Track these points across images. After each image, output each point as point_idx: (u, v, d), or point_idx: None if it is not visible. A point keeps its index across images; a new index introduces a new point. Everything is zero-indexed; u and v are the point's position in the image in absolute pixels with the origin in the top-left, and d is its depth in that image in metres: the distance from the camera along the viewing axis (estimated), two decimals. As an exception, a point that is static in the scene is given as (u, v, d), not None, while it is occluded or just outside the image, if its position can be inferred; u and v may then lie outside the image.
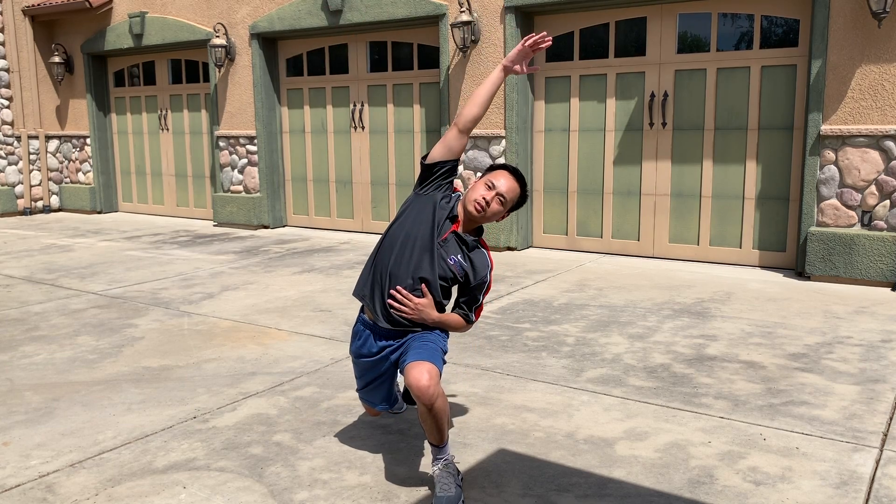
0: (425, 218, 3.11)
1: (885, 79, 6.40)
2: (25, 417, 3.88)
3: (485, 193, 3.08)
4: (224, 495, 3.04)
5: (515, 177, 3.16)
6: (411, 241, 3.10)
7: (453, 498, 2.89)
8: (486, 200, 3.07)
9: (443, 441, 3.00)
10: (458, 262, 3.11)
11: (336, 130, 10.01)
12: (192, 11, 10.67)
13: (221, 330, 5.45)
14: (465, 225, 3.16)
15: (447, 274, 3.11)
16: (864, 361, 4.54)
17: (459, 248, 3.13)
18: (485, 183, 3.11)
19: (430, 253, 3.08)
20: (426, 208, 3.13)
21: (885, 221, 6.52)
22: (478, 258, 3.17)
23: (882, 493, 2.99)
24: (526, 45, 3.19)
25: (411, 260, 3.08)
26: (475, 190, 3.11)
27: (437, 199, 3.15)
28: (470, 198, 3.10)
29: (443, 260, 3.09)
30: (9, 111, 12.25)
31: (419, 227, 3.10)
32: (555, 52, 8.24)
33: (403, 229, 3.13)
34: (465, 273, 3.14)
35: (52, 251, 8.89)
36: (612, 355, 4.72)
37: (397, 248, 3.11)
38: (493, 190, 3.09)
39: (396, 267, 3.09)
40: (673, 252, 7.83)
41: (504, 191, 3.10)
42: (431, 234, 3.10)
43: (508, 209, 3.17)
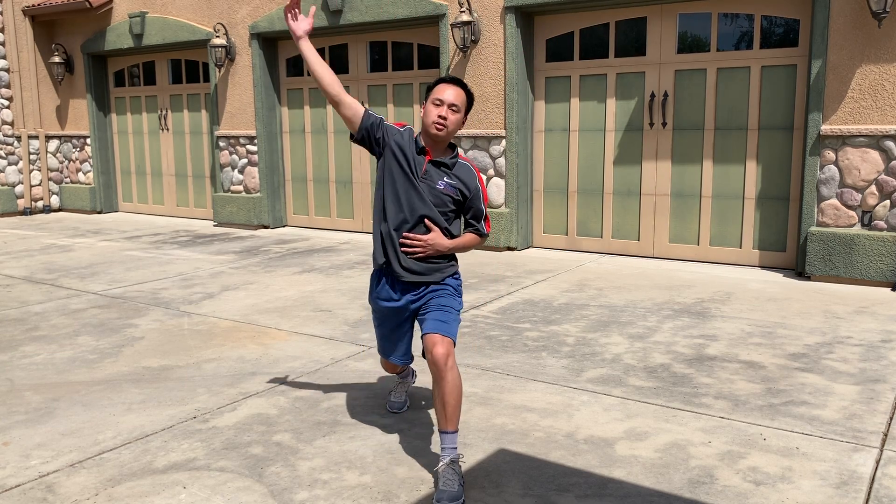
0: (396, 167, 3.29)
1: (885, 79, 6.40)
2: (25, 417, 3.88)
3: (438, 111, 3.24)
4: (224, 495, 3.04)
5: (455, 83, 3.30)
6: (398, 192, 3.28)
7: (455, 494, 2.93)
8: (442, 116, 3.23)
9: (454, 426, 3.06)
10: (447, 184, 3.29)
11: (336, 130, 10.01)
12: (192, 11, 10.67)
13: (221, 330, 5.45)
14: (436, 149, 3.33)
15: (444, 200, 3.28)
16: (864, 361, 4.54)
17: (442, 172, 3.31)
18: (432, 102, 3.27)
19: (417, 191, 3.25)
20: (390, 159, 3.31)
21: (885, 221, 6.52)
22: (462, 172, 3.35)
23: (882, 493, 2.99)
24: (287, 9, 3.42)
25: (407, 207, 3.26)
26: (429, 114, 3.26)
27: (392, 145, 3.31)
28: (428, 122, 3.26)
29: (432, 190, 3.26)
30: (9, 111, 12.25)
31: (398, 178, 3.28)
32: (555, 52, 8.24)
33: (389, 189, 3.31)
34: (459, 190, 3.32)
35: (53, 251, 8.89)
36: (612, 355, 4.72)
37: (391, 206, 3.28)
38: (443, 104, 3.24)
39: (397, 221, 3.27)
40: (673, 252, 7.83)
41: (452, 100, 3.25)
42: (410, 174, 3.28)
43: (464, 113, 3.32)
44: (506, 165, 8.33)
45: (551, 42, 8.26)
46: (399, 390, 3.94)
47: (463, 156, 3.43)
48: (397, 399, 3.91)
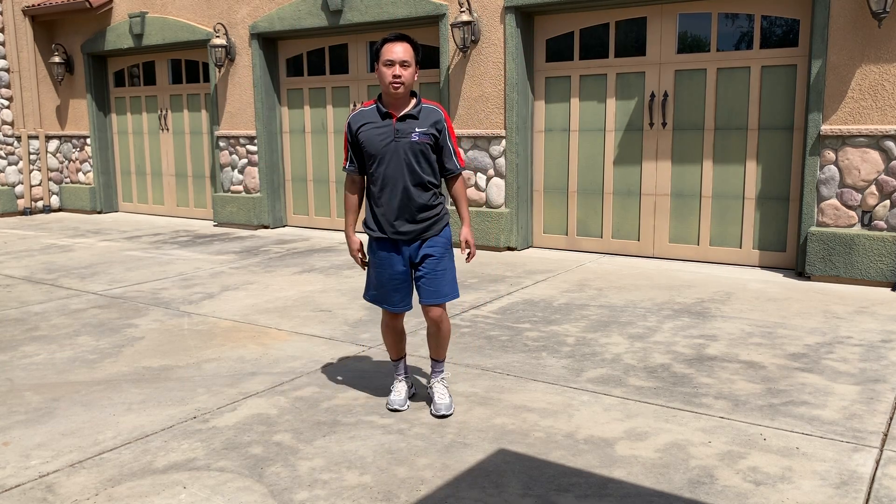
0: (372, 142, 3.59)
1: (885, 79, 6.40)
2: (25, 417, 3.88)
3: (392, 71, 3.50)
4: (224, 495, 3.04)
5: (398, 39, 3.54)
6: (382, 162, 3.59)
7: (449, 404, 3.80)
8: (396, 75, 3.50)
9: (443, 357, 3.91)
10: (419, 133, 3.59)
11: (336, 130, 10.01)
12: (192, 11, 10.67)
13: (221, 330, 5.45)
14: (398, 106, 3.61)
15: (423, 149, 3.60)
16: (864, 361, 4.54)
17: (411, 124, 3.59)
18: (383, 64, 3.52)
19: (399, 154, 3.57)
20: (364, 138, 3.61)
21: (885, 221, 6.52)
22: (429, 116, 3.63)
23: (882, 493, 2.99)
24: None
25: (398, 177, 3.60)
26: (383, 76, 3.51)
27: (362, 130, 3.62)
28: (385, 84, 3.52)
29: (411, 146, 3.57)
30: (9, 111, 12.25)
31: (378, 151, 3.59)
32: (555, 52, 8.24)
33: (373, 162, 3.63)
34: (432, 134, 3.62)
35: (53, 251, 8.89)
36: (612, 355, 4.72)
37: (379, 178, 3.63)
38: (394, 64, 3.50)
39: (392, 196, 3.62)
40: (673, 252, 7.83)
41: (402, 56, 3.50)
42: (386, 142, 3.57)
43: (416, 64, 3.58)
44: (506, 165, 8.33)
45: (551, 42, 8.26)
46: (399, 389, 3.93)
47: (426, 100, 3.70)
48: (397, 397, 3.90)
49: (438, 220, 3.73)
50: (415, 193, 3.62)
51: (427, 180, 3.65)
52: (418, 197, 3.64)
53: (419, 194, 3.64)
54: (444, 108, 3.82)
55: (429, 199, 3.68)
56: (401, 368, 3.99)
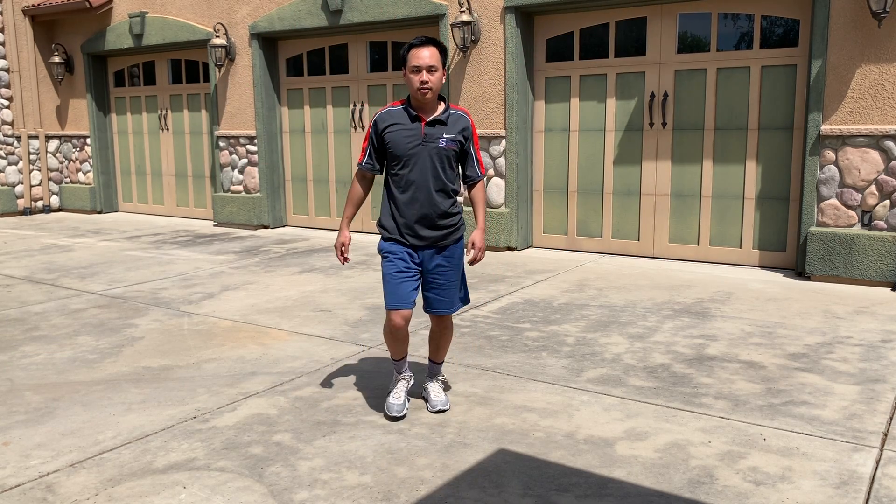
0: (399, 144, 3.58)
1: (885, 79, 6.40)
2: (25, 417, 3.88)
3: (419, 77, 3.50)
4: (224, 495, 3.04)
5: (425, 44, 3.53)
6: (411, 170, 3.58)
7: (445, 400, 3.88)
8: (423, 80, 3.50)
9: (442, 359, 3.98)
10: (447, 139, 3.59)
11: (336, 130, 10.01)
12: (192, 11, 10.67)
13: (221, 330, 5.45)
14: (427, 110, 3.61)
15: (449, 155, 3.61)
16: (864, 361, 4.54)
17: (439, 129, 3.59)
18: (410, 70, 3.53)
19: (425, 159, 3.56)
20: (391, 138, 3.59)
21: (885, 221, 6.52)
22: (458, 122, 3.64)
23: (882, 493, 2.99)
24: None
25: (422, 181, 3.58)
26: (411, 82, 3.53)
27: (390, 130, 3.60)
28: (413, 89, 3.53)
29: (438, 151, 3.57)
30: (9, 111, 12.25)
31: (405, 153, 3.57)
32: (555, 52, 8.24)
33: (397, 163, 3.61)
34: (459, 141, 3.63)
35: (52, 251, 8.89)
36: (612, 355, 4.72)
37: (402, 180, 3.61)
38: (421, 70, 3.50)
39: (415, 199, 3.60)
40: (673, 252, 7.83)
41: (428, 61, 3.50)
42: (413, 144, 3.56)
43: (443, 68, 3.58)
44: (506, 165, 8.33)
45: (551, 42, 8.26)
46: (399, 390, 3.88)
47: (455, 105, 3.71)
48: (396, 401, 3.83)
49: (455, 230, 3.73)
50: (438, 199, 3.62)
51: (451, 187, 3.66)
52: (441, 203, 3.63)
53: (442, 200, 3.63)
54: (470, 114, 3.80)
55: (450, 207, 3.67)
56: (402, 367, 3.95)
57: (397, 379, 3.92)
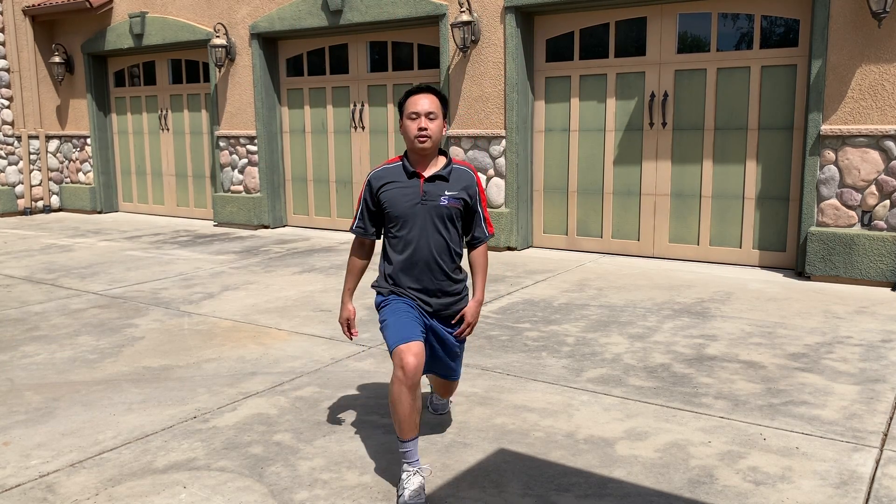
0: (396, 203, 3.21)
1: (885, 79, 6.40)
2: (26, 417, 3.88)
3: (417, 124, 3.15)
4: (224, 495, 3.04)
5: (423, 91, 3.23)
6: (410, 230, 3.20)
7: (445, 403, 3.78)
8: (423, 128, 3.15)
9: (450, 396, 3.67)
10: (450, 196, 3.21)
11: (336, 130, 10.01)
12: (192, 11, 10.67)
13: (222, 330, 5.45)
14: (426, 164, 3.25)
15: (451, 214, 3.22)
16: (864, 361, 4.54)
17: (441, 186, 3.21)
18: (408, 118, 3.18)
19: (426, 218, 3.19)
20: (387, 200, 3.23)
21: (885, 221, 6.52)
22: (462, 178, 3.27)
23: (882, 493, 2.99)
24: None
25: (423, 243, 3.20)
26: (408, 130, 3.17)
27: (384, 189, 3.23)
28: (410, 139, 3.18)
29: (437, 209, 3.19)
30: (9, 111, 12.25)
31: (403, 213, 3.20)
32: (555, 52, 8.24)
33: (396, 226, 3.23)
34: (463, 199, 3.24)
35: (53, 251, 8.89)
36: (612, 355, 4.72)
37: (401, 243, 3.23)
38: (419, 116, 3.16)
39: (414, 263, 3.21)
40: (673, 252, 7.83)
41: (428, 108, 3.17)
42: (412, 203, 3.19)
43: (444, 117, 3.26)
44: (506, 165, 8.33)
45: (551, 42, 8.26)
46: (413, 482, 2.97)
47: (457, 160, 3.36)
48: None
49: (461, 298, 3.34)
50: (440, 262, 3.22)
51: (454, 249, 3.27)
52: (443, 266, 3.23)
53: (444, 263, 3.23)
54: (475, 169, 3.45)
55: (453, 271, 3.28)
56: (415, 453, 3.01)
57: (411, 473, 2.96)
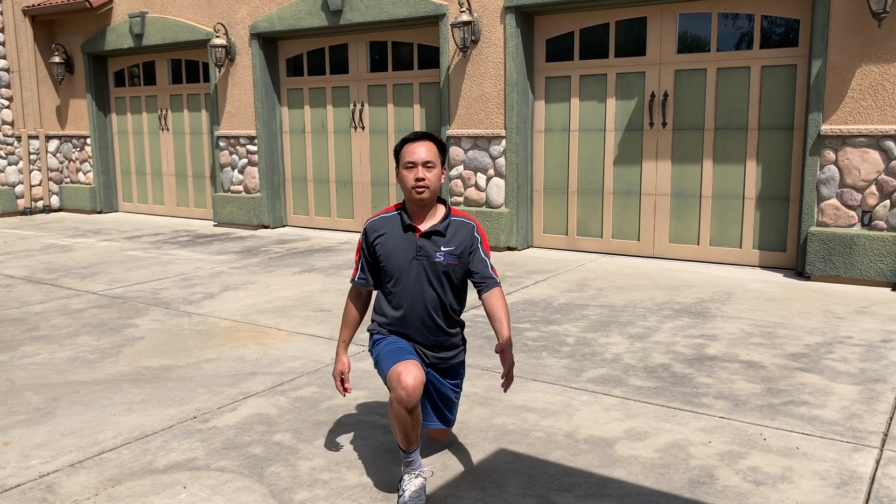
0: (390, 257, 3.07)
1: (885, 79, 6.40)
2: (25, 417, 3.88)
3: (414, 174, 2.99)
4: (224, 495, 3.04)
5: (421, 139, 3.05)
6: (404, 287, 3.07)
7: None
8: (420, 178, 2.98)
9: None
10: (445, 252, 3.05)
11: (336, 130, 10.01)
12: (192, 11, 10.67)
13: (221, 330, 5.45)
14: (424, 215, 3.09)
15: (447, 271, 3.06)
16: (864, 361, 4.54)
17: (437, 242, 3.05)
18: (404, 167, 3.02)
19: (420, 274, 3.05)
20: (382, 255, 3.09)
21: (886, 221, 6.52)
22: (460, 232, 3.09)
23: (882, 493, 2.99)
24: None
25: (417, 299, 3.07)
26: (405, 180, 3.02)
27: (379, 243, 3.09)
28: (407, 189, 3.02)
29: (432, 266, 3.05)
30: (9, 111, 12.25)
31: (396, 268, 3.07)
32: (555, 52, 8.24)
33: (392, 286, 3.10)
34: (459, 255, 3.07)
35: (53, 251, 8.89)
36: (612, 355, 4.72)
37: (395, 300, 3.10)
38: (416, 165, 2.99)
39: (409, 319, 3.09)
40: (673, 252, 7.83)
41: (424, 157, 3.00)
42: (407, 258, 3.05)
43: (442, 165, 3.09)
44: (506, 165, 8.33)
45: (551, 42, 8.26)
46: (414, 484, 2.92)
47: (457, 210, 3.17)
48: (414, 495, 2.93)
49: (458, 353, 3.26)
50: (435, 319, 3.09)
51: (450, 305, 3.12)
52: (439, 322, 3.11)
53: (440, 319, 3.11)
54: (477, 220, 3.17)
55: (450, 327, 3.16)
56: (417, 461, 2.96)
57: (413, 476, 2.94)
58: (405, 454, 2.94)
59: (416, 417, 2.86)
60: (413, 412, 2.84)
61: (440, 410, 3.29)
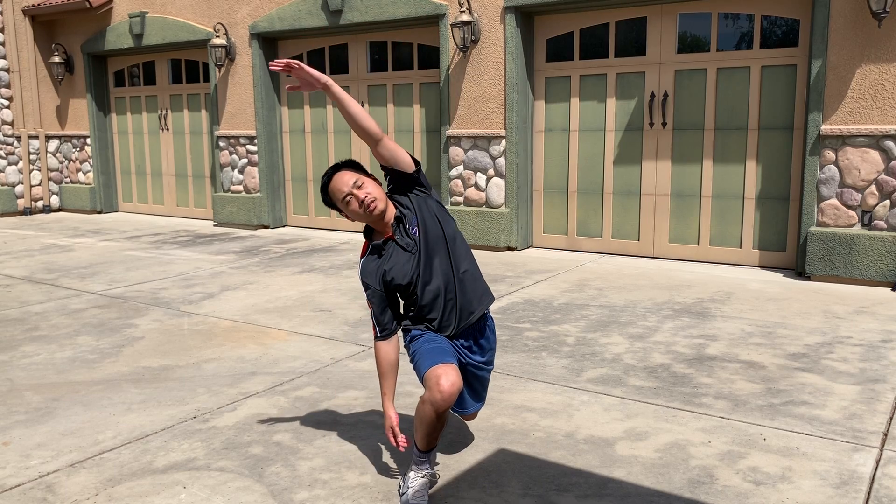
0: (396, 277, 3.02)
1: (885, 79, 6.40)
2: (25, 417, 3.88)
3: (354, 202, 2.96)
4: (224, 495, 3.04)
5: (334, 174, 3.03)
6: (425, 284, 3.05)
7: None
8: (362, 198, 2.95)
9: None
10: (416, 220, 3.02)
11: (336, 130, 10.01)
12: (192, 11, 10.67)
13: (221, 330, 5.45)
14: (383, 227, 3.05)
15: (432, 230, 3.03)
16: (864, 361, 4.54)
17: (402, 227, 3.03)
18: (343, 204, 3.00)
19: (426, 261, 3.03)
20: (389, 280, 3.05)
21: (885, 221, 6.52)
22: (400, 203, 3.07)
23: (882, 493, 2.99)
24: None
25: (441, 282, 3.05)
26: (355, 213, 3.00)
27: (379, 277, 3.05)
28: (363, 217, 3.01)
29: (424, 244, 3.01)
30: (9, 111, 12.25)
31: (405, 279, 3.03)
32: (555, 51, 8.24)
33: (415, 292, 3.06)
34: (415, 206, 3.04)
35: (52, 251, 8.89)
36: (612, 355, 4.72)
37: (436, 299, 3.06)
38: (351, 195, 2.96)
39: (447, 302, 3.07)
40: (673, 252, 7.83)
41: (350, 182, 2.97)
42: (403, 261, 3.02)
43: (376, 180, 3.05)
44: (506, 165, 8.33)
45: (551, 42, 8.26)
46: (421, 489, 2.92)
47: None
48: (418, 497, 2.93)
49: (486, 287, 3.23)
50: (467, 279, 3.09)
51: (459, 241, 3.12)
52: (471, 279, 3.11)
53: (470, 275, 3.11)
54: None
55: (472, 260, 3.15)
56: (426, 463, 2.97)
57: (419, 475, 2.93)
58: (420, 453, 2.94)
59: (442, 422, 2.86)
60: (442, 416, 2.84)
61: (478, 393, 3.34)
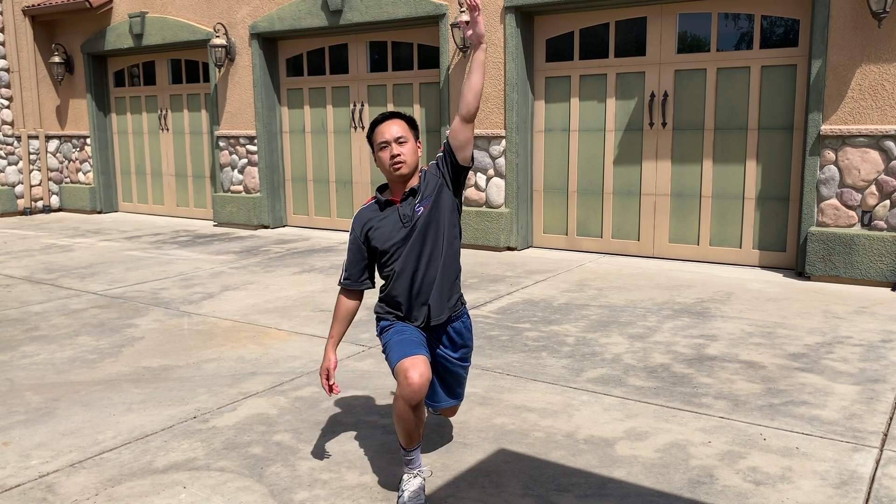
0: (379, 239, 3.07)
1: (885, 79, 6.40)
2: (25, 417, 3.88)
3: (388, 152, 3.01)
4: (224, 495, 3.04)
5: (389, 118, 3.06)
6: (403, 260, 3.05)
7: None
8: (395, 154, 3.00)
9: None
10: (424, 201, 3.03)
11: (336, 130, 10.01)
12: (192, 11, 10.67)
13: (221, 330, 5.45)
14: (401, 190, 3.08)
15: (432, 217, 3.04)
16: (864, 361, 4.54)
17: (412, 201, 3.04)
18: (379, 148, 3.04)
19: (414, 240, 3.03)
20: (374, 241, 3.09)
21: (885, 221, 6.52)
22: (428, 177, 3.08)
23: (882, 493, 2.99)
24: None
25: (419, 266, 3.05)
26: (382, 161, 3.03)
27: (368, 233, 3.09)
28: (386, 169, 3.04)
29: (422, 224, 3.03)
30: (9, 111, 12.25)
31: (388, 246, 3.06)
32: (555, 52, 8.24)
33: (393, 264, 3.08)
34: (434, 192, 3.06)
35: (52, 251, 8.89)
36: (612, 355, 4.72)
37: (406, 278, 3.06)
38: (389, 144, 3.01)
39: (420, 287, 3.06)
40: (673, 252, 7.83)
41: (396, 134, 3.01)
42: (394, 231, 3.04)
43: (415, 139, 3.08)
44: (506, 165, 8.33)
45: (551, 42, 8.26)
46: (414, 484, 2.94)
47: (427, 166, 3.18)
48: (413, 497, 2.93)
49: (460, 294, 3.23)
50: (445, 270, 3.09)
51: (456, 246, 3.13)
52: (450, 271, 3.11)
53: (451, 266, 3.12)
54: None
55: (458, 266, 3.16)
56: (417, 459, 2.98)
57: (412, 476, 2.96)
58: (405, 452, 2.95)
59: (419, 416, 2.87)
60: (417, 409, 2.85)
61: (451, 389, 3.29)
